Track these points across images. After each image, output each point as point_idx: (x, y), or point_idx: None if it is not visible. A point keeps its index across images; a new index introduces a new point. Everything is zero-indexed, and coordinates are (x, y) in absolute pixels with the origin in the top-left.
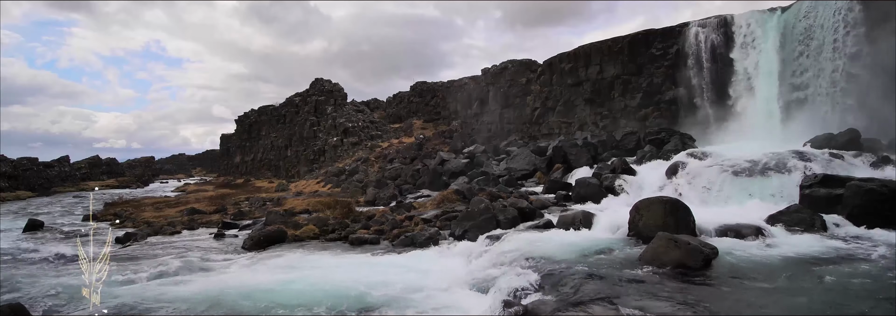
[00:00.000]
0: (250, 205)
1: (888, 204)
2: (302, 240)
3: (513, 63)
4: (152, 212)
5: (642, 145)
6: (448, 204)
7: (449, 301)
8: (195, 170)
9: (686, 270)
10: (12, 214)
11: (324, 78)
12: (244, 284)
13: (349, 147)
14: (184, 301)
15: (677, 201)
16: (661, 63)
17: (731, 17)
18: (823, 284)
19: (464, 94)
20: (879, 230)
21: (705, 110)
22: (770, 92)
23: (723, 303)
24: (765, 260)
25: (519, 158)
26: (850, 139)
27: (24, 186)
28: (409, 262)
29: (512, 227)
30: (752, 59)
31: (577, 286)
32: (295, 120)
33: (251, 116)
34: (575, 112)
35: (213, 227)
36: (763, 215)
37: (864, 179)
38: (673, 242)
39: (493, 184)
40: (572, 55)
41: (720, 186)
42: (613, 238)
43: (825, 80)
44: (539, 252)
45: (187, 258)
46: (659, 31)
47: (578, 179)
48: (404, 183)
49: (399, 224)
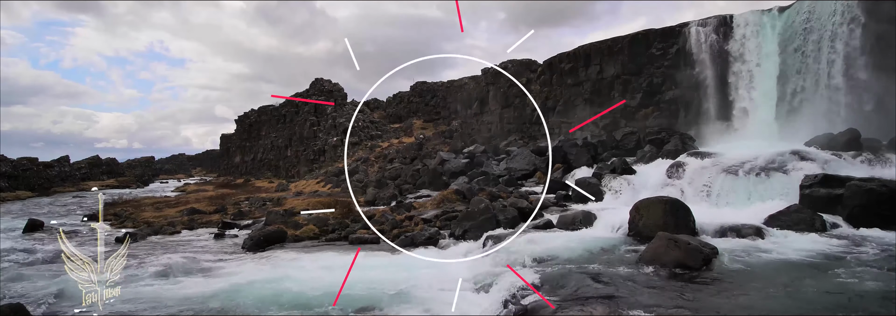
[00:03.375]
0: (250, 205)
1: (888, 204)
2: (302, 240)
3: (513, 63)
4: (152, 212)
5: (642, 145)
6: (448, 204)
7: (449, 301)
8: (195, 170)
9: (686, 269)
10: (12, 214)
11: (324, 78)
12: (244, 284)
13: (349, 147)
14: (183, 301)
15: (677, 201)
16: (661, 63)
17: (731, 16)
18: (823, 284)
19: (464, 94)
20: (879, 230)
21: (705, 110)
22: (770, 92)
23: (723, 303)
24: (765, 260)
25: (519, 158)
26: (850, 139)
27: (23, 186)
28: (408, 262)
29: (512, 227)
30: (752, 59)
31: (577, 286)
32: (295, 120)
33: (251, 116)
34: (575, 112)
35: (213, 227)
36: (763, 215)
37: (864, 179)
38: (673, 242)
39: (493, 184)
40: (572, 55)
41: (720, 186)
42: (613, 238)
43: (825, 80)
44: (539, 252)
45: (187, 258)
46: (659, 31)
47: (578, 179)
48: (404, 183)
49: (399, 224)
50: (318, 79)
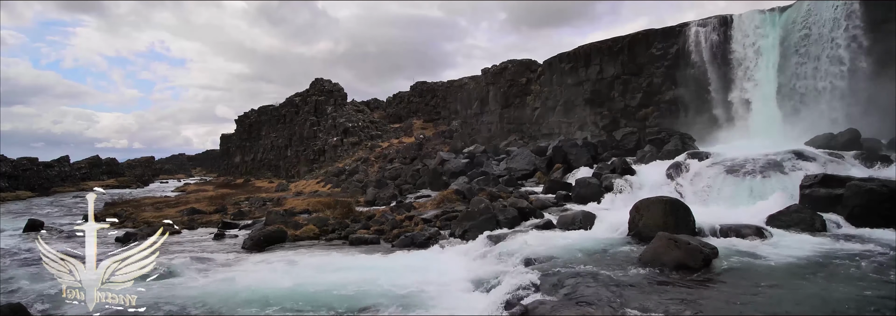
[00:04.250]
0: (250, 205)
1: (888, 204)
2: (302, 240)
3: (513, 63)
4: (152, 212)
5: (642, 145)
6: (448, 204)
7: (449, 301)
8: (195, 170)
9: (686, 270)
10: (12, 214)
11: (324, 78)
12: (243, 284)
13: (349, 147)
14: (183, 301)
15: (677, 201)
16: (662, 63)
17: (731, 16)
18: (823, 284)
19: (464, 94)
20: (879, 230)
21: (705, 110)
22: (770, 92)
23: (723, 303)
24: (765, 260)
25: (519, 158)
26: (850, 139)
27: (23, 186)
28: (408, 262)
29: (512, 227)
30: (752, 59)
31: (577, 286)
32: (295, 120)
33: (251, 116)
34: (575, 112)
35: (213, 227)
36: (763, 215)
37: (864, 179)
38: (673, 242)
39: (493, 184)
40: (572, 55)
41: (720, 186)
42: (613, 238)
43: (825, 80)
44: (539, 252)
45: (186, 258)
46: (659, 31)
47: (578, 179)
48: (404, 183)
49: (399, 224)
50: (318, 79)
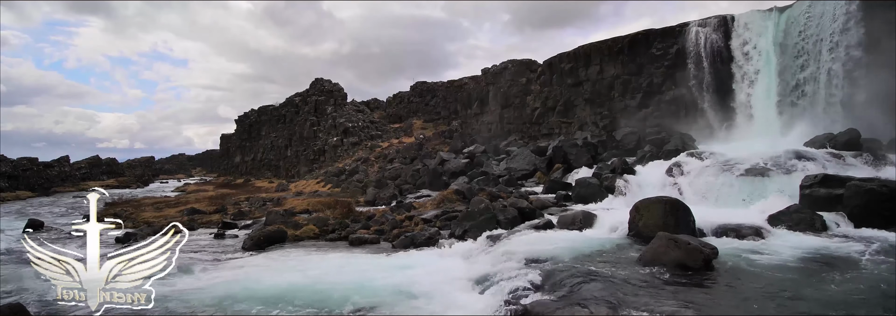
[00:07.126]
0: (250, 205)
1: (888, 204)
2: (302, 240)
3: (513, 63)
4: (152, 212)
5: (642, 145)
6: (448, 204)
7: (449, 301)
8: (195, 170)
9: (686, 270)
10: (12, 214)
11: (325, 78)
12: (243, 284)
13: (349, 147)
14: (182, 301)
15: (677, 201)
16: (662, 63)
17: (732, 16)
18: (823, 284)
19: (464, 94)
20: (879, 230)
21: (705, 110)
22: (770, 92)
23: (723, 303)
24: (765, 260)
25: (519, 158)
26: (850, 139)
27: (23, 186)
28: (409, 262)
29: (512, 227)
30: (752, 59)
31: (577, 286)
32: (295, 120)
33: (251, 116)
34: (575, 112)
35: (213, 227)
36: (763, 215)
37: (864, 179)
38: (673, 242)
39: (493, 184)
40: (572, 55)
41: (720, 186)
42: (613, 238)
43: (825, 80)
44: (539, 252)
45: (187, 258)
46: (659, 31)
47: (578, 179)
48: (404, 183)
49: (399, 224)
50: (318, 79)
